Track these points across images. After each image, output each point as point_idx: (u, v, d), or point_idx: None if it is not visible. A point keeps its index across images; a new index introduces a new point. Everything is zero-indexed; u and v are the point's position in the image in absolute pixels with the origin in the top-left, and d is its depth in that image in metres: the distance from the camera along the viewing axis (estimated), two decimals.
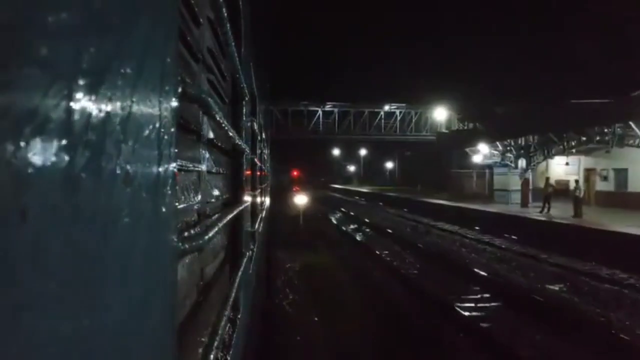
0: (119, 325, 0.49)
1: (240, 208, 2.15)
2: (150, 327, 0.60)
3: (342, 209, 29.54)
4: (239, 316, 1.90)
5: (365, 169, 75.27)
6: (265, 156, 7.85)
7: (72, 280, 0.39)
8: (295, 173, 70.14)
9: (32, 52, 0.33)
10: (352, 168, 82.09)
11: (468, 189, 31.79)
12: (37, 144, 0.34)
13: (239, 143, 2.10)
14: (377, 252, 14.48)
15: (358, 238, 17.98)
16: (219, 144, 2.01)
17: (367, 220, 22.84)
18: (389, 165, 68.28)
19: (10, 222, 0.31)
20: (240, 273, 1.81)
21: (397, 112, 41.14)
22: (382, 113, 40.97)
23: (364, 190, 52.60)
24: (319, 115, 39.75)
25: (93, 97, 0.42)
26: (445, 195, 31.69)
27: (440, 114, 39.76)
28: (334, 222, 23.62)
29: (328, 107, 40.20)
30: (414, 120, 41.09)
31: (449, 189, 34.26)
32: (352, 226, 21.79)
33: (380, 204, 35.86)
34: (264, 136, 6.85)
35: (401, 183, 57.56)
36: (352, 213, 26.87)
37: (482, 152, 28.34)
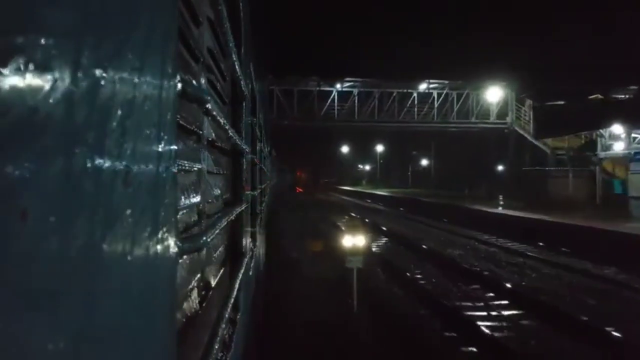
0: (119, 325, 0.49)
1: (241, 208, 2.15)
2: (150, 327, 0.60)
3: (395, 233, 17.23)
4: (238, 316, 1.90)
5: (381, 169, 61.08)
6: (264, 155, 7.86)
7: (72, 281, 0.39)
8: (298, 174, 67.12)
9: (32, 52, 0.33)
10: (367, 167, 70.32)
11: (556, 194, 20.76)
12: (37, 143, 0.34)
13: (239, 143, 2.10)
14: None
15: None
16: (219, 144, 2.01)
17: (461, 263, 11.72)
18: (424, 162, 50.93)
19: (11, 222, 0.31)
20: (240, 273, 1.81)
21: (435, 93, 29.88)
22: (415, 95, 29.71)
23: (383, 193, 39.53)
24: (334, 96, 29.39)
25: (93, 97, 0.42)
26: (517, 203, 20.95)
27: (494, 94, 28.99)
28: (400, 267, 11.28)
29: (346, 86, 29.85)
30: (457, 105, 29.64)
31: (518, 194, 23.27)
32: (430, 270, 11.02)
33: (423, 217, 22.51)
34: (263, 134, 6.85)
35: (437, 185, 42.27)
36: (405, 238, 15.93)
37: (618, 136, 19.67)
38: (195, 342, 1.24)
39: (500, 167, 34.34)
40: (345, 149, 67.41)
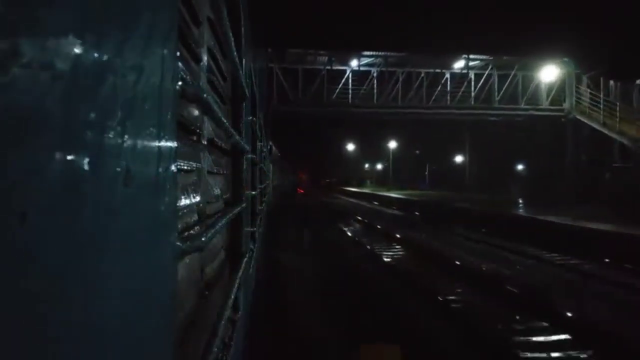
0: (119, 325, 0.49)
1: (240, 208, 2.15)
2: (151, 327, 0.60)
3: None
4: (238, 316, 1.90)
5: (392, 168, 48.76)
6: (265, 154, 7.86)
7: (72, 280, 0.39)
8: (300, 175, 65.10)
9: (32, 52, 0.33)
10: (378, 166, 62.80)
11: None
12: (37, 143, 0.34)
13: (239, 143, 2.11)
14: None
15: None
16: (219, 144, 2.01)
17: None
18: (458, 158, 40.10)
19: (11, 223, 0.31)
20: (240, 273, 1.81)
21: (472, 74, 23.55)
22: (447, 76, 23.62)
23: (398, 196, 31.02)
24: (348, 76, 23.24)
25: (93, 97, 0.42)
26: (610, 212, 13.93)
27: (550, 74, 22.93)
28: None
29: (364, 64, 23.53)
30: (500, 87, 23.31)
31: (600, 198, 17.14)
32: None
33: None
34: (264, 134, 6.85)
35: (467, 186, 33.74)
36: None
37: None
38: (195, 342, 1.24)
39: (520, 166, 27.94)
40: (351, 146, 62.05)
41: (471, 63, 24.03)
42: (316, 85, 22.99)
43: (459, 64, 24.25)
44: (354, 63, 23.83)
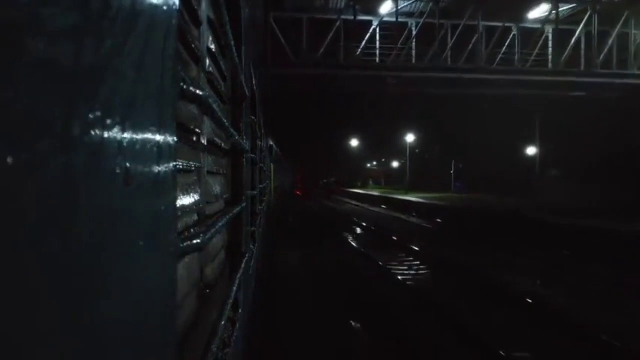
0: (119, 326, 0.49)
1: (240, 208, 2.15)
2: (150, 327, 0.60)
3: None
4: (238, 316, 1.90)
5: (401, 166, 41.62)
6: (264, 154, 7.86)
7: (72, 281, 0.39)
8: (299, 176, 63.11)
9: (32, 52, 0.33)
10: (394, 164, 56.57)
11: None
12: (37, 144, 0.34)
13: (239, 143, 2.11)
14: None
15: None
16: (219, 144, 2.01)
17: None
18: (530, 151, 28.83)
19: (11, 222, 0.31)
20: (240, 273, 1.81)
21: (550, 30, 16.84)
22: (515, 32, 17.05)
23: (429, 201, 22.34)
24: (375, 29, 16.51)
25: (93, 98, 0.42)
26: None
27: None
28: None
29: (403, 7, 16.49)
30: (592, 46, 16.30)
31: None
32: None
33: None
34: (263, 134, 6.85)
35: (536, 190, 25.40)
36: None
37: None
38: (195, 341, 1.24)
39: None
40: (354, 142, 57.82)
41: (560, 8, 16.37)
42: (328, 41, 16.25)
43: (535, 13, 16.79)
44: (386, 7, 16.39)
